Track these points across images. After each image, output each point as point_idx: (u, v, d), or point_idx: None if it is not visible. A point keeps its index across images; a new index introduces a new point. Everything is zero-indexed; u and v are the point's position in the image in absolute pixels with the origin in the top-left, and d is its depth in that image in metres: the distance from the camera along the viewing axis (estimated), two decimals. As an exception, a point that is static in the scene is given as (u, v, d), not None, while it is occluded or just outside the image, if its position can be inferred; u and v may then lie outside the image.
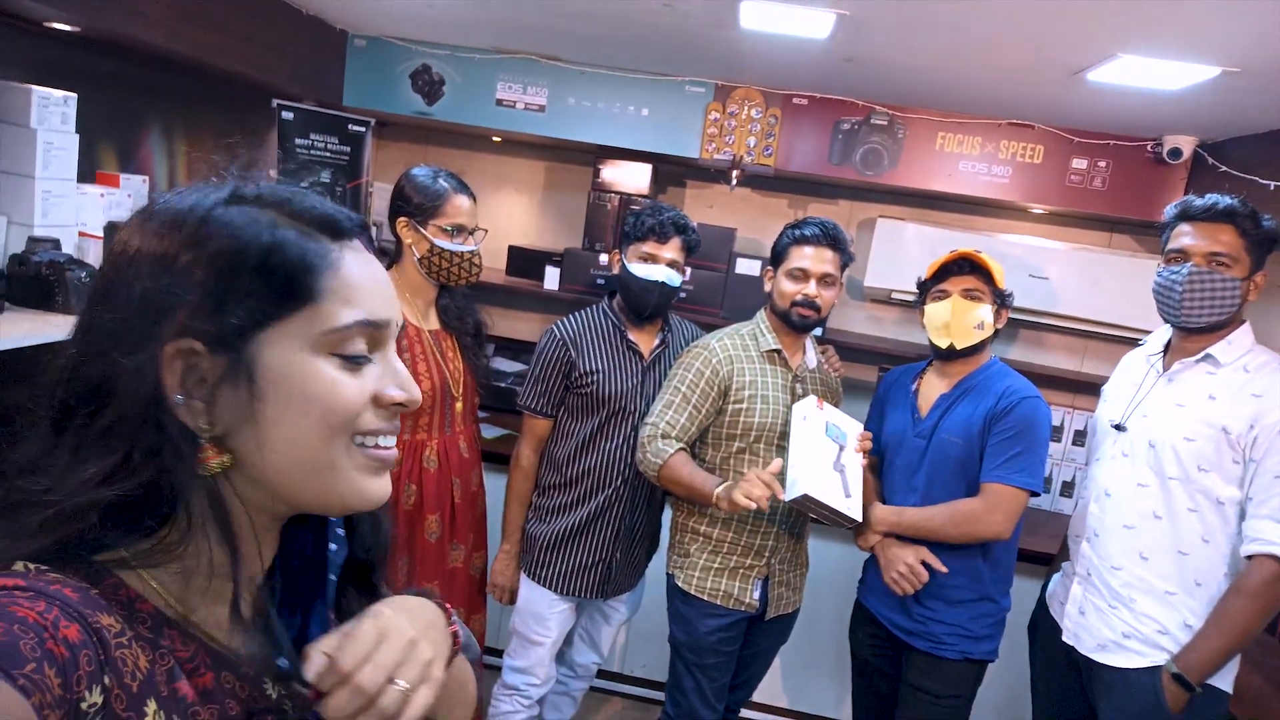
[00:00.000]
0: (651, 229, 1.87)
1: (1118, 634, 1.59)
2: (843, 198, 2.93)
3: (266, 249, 0.54)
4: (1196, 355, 1.58)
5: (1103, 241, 2.82)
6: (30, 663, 0.42)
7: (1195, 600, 1.53)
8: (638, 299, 1.89)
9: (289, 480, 0.55)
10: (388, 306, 0.59)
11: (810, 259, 1.78)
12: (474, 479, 1.92)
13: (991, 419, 1.70)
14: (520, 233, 3.11)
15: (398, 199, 1.78)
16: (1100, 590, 1.64)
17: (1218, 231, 1.54)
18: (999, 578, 1.77)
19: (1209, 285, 1.53)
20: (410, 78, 2.70)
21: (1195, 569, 1.53)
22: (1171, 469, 1.54)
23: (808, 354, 1.90)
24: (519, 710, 2.01)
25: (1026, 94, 2.18)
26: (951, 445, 1.74)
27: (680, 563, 1.87)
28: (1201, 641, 1.50)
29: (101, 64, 2.04)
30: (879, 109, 2.55)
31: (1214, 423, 1.51)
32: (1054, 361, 2.89)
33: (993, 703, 2.50)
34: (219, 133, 2.48)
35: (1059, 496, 2.78)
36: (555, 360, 1.90)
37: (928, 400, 1.82)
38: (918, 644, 1.77)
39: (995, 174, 2.55)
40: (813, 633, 2.44)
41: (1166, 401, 1.60)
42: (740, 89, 2.60)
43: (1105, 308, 2.62)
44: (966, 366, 1.78)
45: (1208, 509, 1.52)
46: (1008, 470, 1.67)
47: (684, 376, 1.80)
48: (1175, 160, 2.41)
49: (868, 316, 2.97)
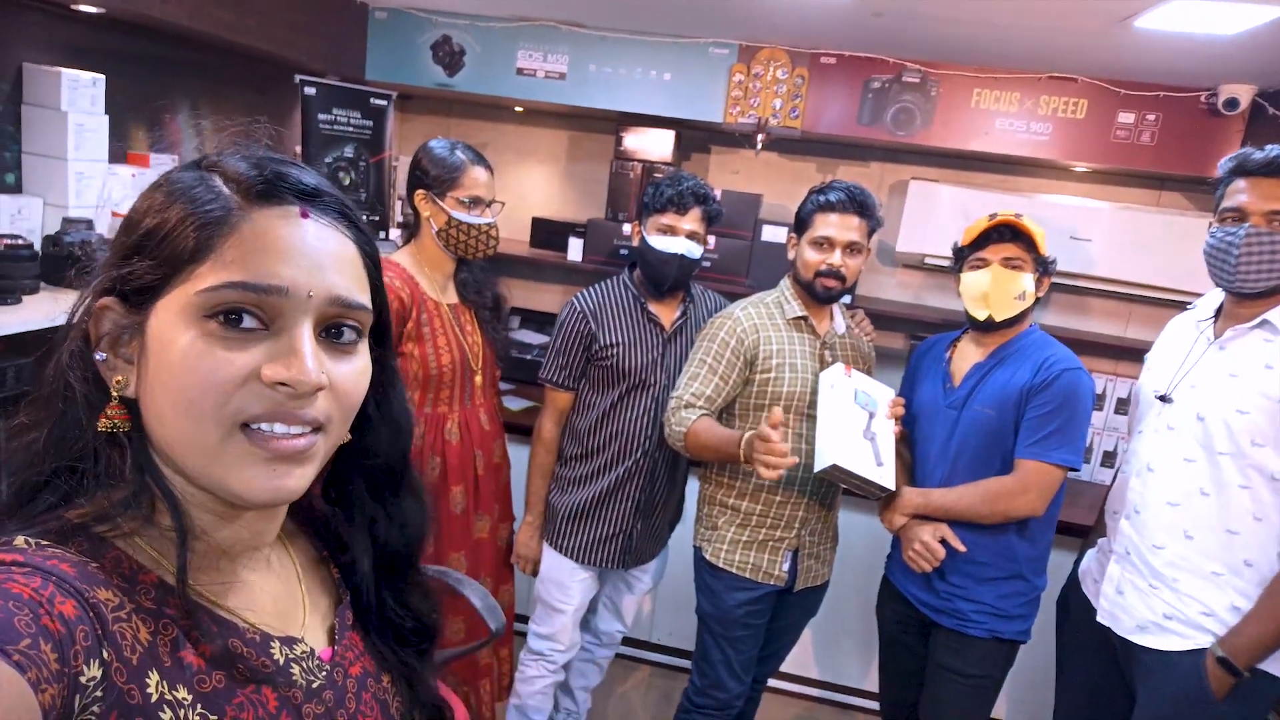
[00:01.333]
0: (670, 200, 1.83)
1: (1158, 615, 1.53)
2: (874, 159, 2.84)
3: (160, 209, 0.53)
4: (1252, 321, 1.47)
5: (1151, 200, 2.68)
6: (25, 639, 0.42)
7: (1244, 581, 1.46)
8: (656, 271, 1.86)
9: (181, 457, 0.53)
10: (295, 274, 0.52)
11: (835, 226, 1.71)
12: (496, 450, 1.93)
13: (1029, 391, 1.63)
14: (543, 204, 3.10)
15: (415, 171, 1.78)
16: (1140, 570, 1.57)
17: (1277, 187, 1.43)
18: (1034, 555, 1.71)
19: (1269, 247, 1.42)
20: (431, 49, 2.68)
21: (1245, 548, 1.45)
22: (1222, 443, 1.46)
23: (836, 320, 1.85)
24: (545, 675, 2.05)
25: (1069, 44, 2.06)
26: (984, 417, 1.67)
27: (708, 535, 1.85)
28: (1251, 625, 1.43)
29: (128, 45, 2.06)
30: (910, 66, 2.45)
31: (1271, 394, 1.41)
32: (1096, 327, 2.78)
33: (1017, 678, 2.46)
34: (244, 110, 2.51)
35: (1099, 467, 2.69)
36: (576, 333, 1.89)
37: (961, 370, 1.75)
38: (944, 621, 1.73)
39: (1035, 131, 2.43)
40: (841, 605, 2.43)
41: (1218, 371, 1.50)
42: (765, 49, 2.52)
43: (1152, 270, 2.50)
44: (1004, 335, 1.71)
45: (1261, 485, 1.43)
46: (1044, 447, 1.60)
47: (709, 347, 1.75)
48: (1231, 111, 2.27)
49: (899, 283, 2.89)
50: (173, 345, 0.51)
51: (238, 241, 0.52)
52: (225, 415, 0.51)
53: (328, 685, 0.61)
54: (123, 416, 0.54)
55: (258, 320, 0.52)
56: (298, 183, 0.55)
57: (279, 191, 0.55)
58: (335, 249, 0.56)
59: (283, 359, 0.52)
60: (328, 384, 0.54)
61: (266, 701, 0.55)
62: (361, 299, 0.57)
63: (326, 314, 0.55)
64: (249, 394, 0.52)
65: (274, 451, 0.53)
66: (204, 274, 0.51)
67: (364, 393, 0.59)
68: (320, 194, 0.57)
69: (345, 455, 0.63)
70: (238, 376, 0.51)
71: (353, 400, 0.57)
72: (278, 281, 0.52)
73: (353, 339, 0.57)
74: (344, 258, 0.57)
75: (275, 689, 0.56)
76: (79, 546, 0.50)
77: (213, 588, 0.57)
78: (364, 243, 0.59)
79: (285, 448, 0.53)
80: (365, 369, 0.59)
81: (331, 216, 0.57)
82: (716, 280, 2.63)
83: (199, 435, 0.52)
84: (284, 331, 0.53)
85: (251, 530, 0.59)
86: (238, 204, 0.53)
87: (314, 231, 0.55)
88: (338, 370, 0.55)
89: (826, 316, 1.83)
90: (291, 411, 0.53)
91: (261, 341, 0.52)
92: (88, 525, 0.52)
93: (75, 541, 0.50)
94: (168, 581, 0.53)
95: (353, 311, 0.56)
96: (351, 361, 0.57)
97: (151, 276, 0.52)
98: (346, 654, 0.65)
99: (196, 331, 0.51)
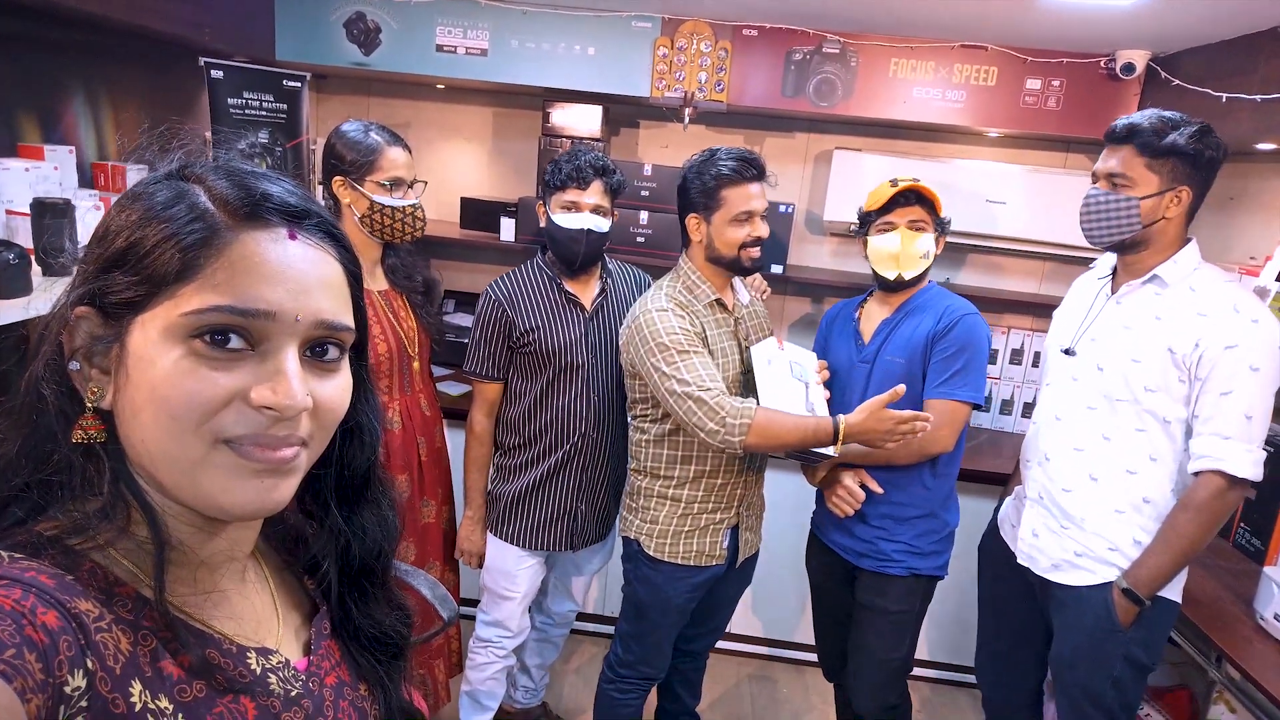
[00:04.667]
0: (569, 175, 1.80)
1: (1070, 553, 1.64)
2: (798, 130, 2.88)
3: (138, 226, 0.52)
4: (1143, 277, 1.58)
5: (1058, 162, 2.82)
6: (10, 649, 0.42)
7: (1144, 517, 1.57)
8: (566, 250, 1.83)
9: (159, 472, 0.53)
10: (282, 298, 0.52)
11: (756, 197, 1.71)
12: (437, 436, 1.92)
13: (933, 338, 1.73)
14: (472, 184, 3.04)
15: (330, 158, 1.72)
16: (1053, 512, 1.68)
17: (1114, 152, 1.56)
18: (945, 493, 1.82)
19: (1103, 206, 1.56)
20: (344, 27, 2.58)
21: (1143, 487, 1.57)
22: (1120, 391, 1.57)
23: (739, 291, 1.86)
24: (495, 661, 2.05)
25: (979, 13, 2.13)
26: (895, 365, 1.76)
27: (646, 529, 1.81)
28: (1150, 557, 1.54)
29: (9, 27, 1.92)
30: (830, 37, 2.49)
31: (1160, 343, 1.52)
32: (1013, 285, 2.91)
33: (940, 619, 2.60)
34: (146, 96, 2.36)
35: (1020, 418, 2.85)
36: (493, 322, 1.86)
37: (869, 329, 1.84)
38: (866, 564, 1.83)
39: (950, 99, 2.51)
40: (781, 564, 2.51)
41: (1114, 324, 1.61)
42: (689, 22, 2.52)
43: (1062, 229, 2.62)
44: (908, 292, 1.81)
45: (1155, 428, 1.55)
46: (950, 387, 1.70)
47: (664, 344, 1.63)
48: (1128, 75, 2.40)
49: (829, 250, 2.96)
50: (156, 363, 0.51)
51: (225, 263, 0.52)
52: (207, 431, 0.52)
53: (305, 694, 0.61)
54: (98, 428, 0.53)
55: (244, 341, 0.52)
56: (285, 203, 0.55)
57: (266, 213, 0.54)
58: (322, 271, 0.56)
59: (269, 382, 0.52)
60: (312, 404, 0.55)
61: (245, 711, 0.56)
62: (346, 320, 0.58)
63: (312, 335, 0.55)
64: (233, 413, 0.52)
65: (262, 463, 0.53)
66: (189, 295, 0.51)
67: (345, 408, 0.59)
68: (308, 214, 0.57)
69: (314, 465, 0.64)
70: (223, 396, 0.51)
71: (335, 416, 0.58)
72: (265, 306, 0.52)
73: (336, 356, 0.58)
74: (330, 280, 0.57)
75: (254, 698, 0.57)
76: (53, 560, 0.50)
77: (189, 599, 0.57)
78: (348, 262, 0.60)
79: (273, 459, 0.53)
80: (347, 385, 0.59)
81: (318, 237, 0.57)
82: (650, 256, 2.64)
83: (180, 452, 0.51)
84: (270, 354, 0.53)
85: (230, 540, 0.59)
86: (225, 224, 0.53)
87: (301, 253, 0.55)
88: (321, 389, 0.56)
89: (730, 290, 1.83)
90: (275, 435, 0.53)
91: (247, 362, 0.52)
92: (60, 538, 0.51)
93: (49, 555, 0.50)
94: (144, 594, 0.53)
95: (337, 333, 0.57)
96: (335, 379, 0.58)
97: (132, 293, 0.51)
98: (323, 663, 0.66)
99: (181, 351, 0.51)
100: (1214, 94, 2.07)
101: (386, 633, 0.71)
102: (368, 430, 0.67)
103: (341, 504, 0.68)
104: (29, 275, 1.52)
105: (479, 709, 2.10)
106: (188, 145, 0.59)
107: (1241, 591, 1.89)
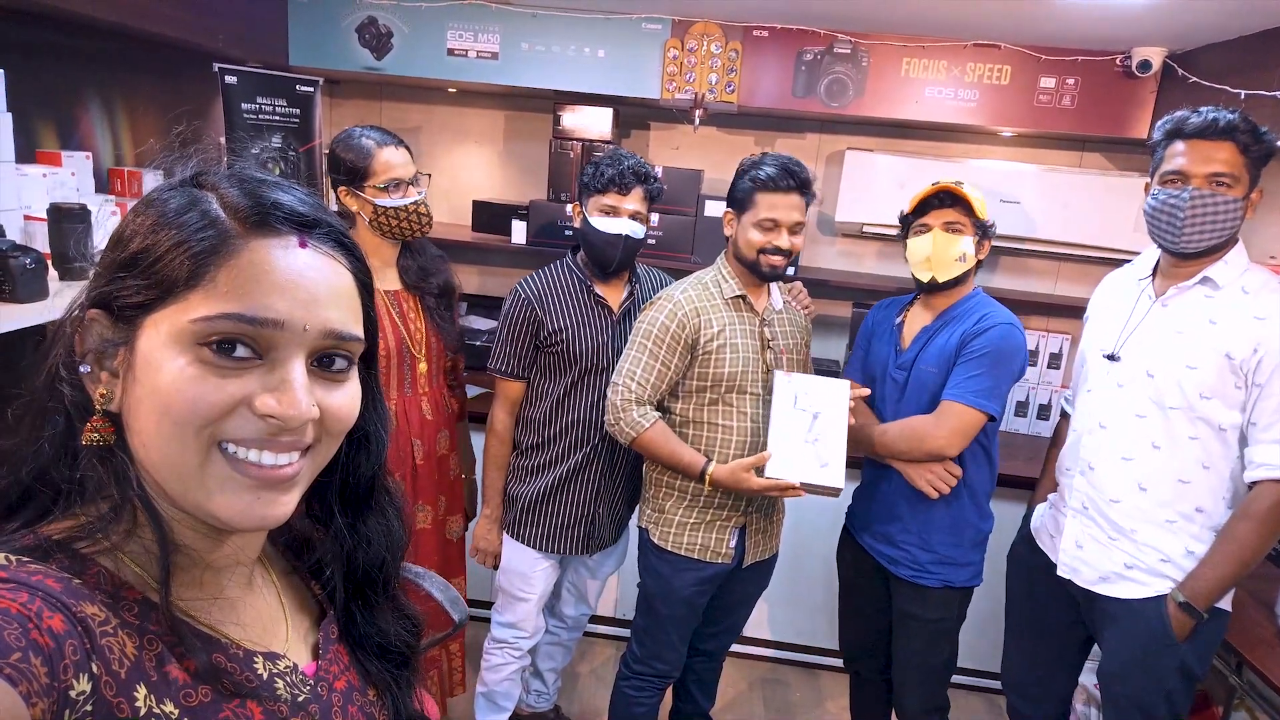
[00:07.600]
0: (612, 180, 1.80)
1: (1120, 565, 1.58)
2: (809, 131, 2.87)
3: (150, 232, 0.53)
4: (1193, 279, 1.52)
5: (1073, 161, 2.79)
6: (16, 652, 0.42)
7: (1197, 526, 1.51)
8: (601, 253, 1.83)
9: (162, 478, 0.53)
10: (291, 307, 0.52)
11: (781, 208, 1.69)
12: (441, 441, 1.90)
13: (963, 342, 1.70)
14: (484, 187, 3.05)
15: (333, 169, 1.73)
16: (1099, 523, 1.61)
17: (1216, 150, 1.44)
18: (976, 504, 1.79)
19: (1212, 208, 1.45)
20: (357, 32, 2.60)
21: (1196, 496, 1.51)
22: (1173, 398, 1.50)
23: (773, 295, 1.85)
24: (510, 662, 2.06)
25: (991, 11, 2.12)
26: (928, 374, 1.74)
27: (655, 518, 1.84)
28: (1207, 569, 1.48)
29: (28, 36, 1.94)
30: (841, 37, 2.48)
31: (1217, 348, 1.46)
32: (1028, 285, 2.89)
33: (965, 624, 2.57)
34: (161, 102, 2.39)
35: (1036, 420, 2.82)
36: (521, 321, 1.86)
37: (911, 333, 1.81)
38: (901, 573, 1.81)
39: (963, 98, 2.49)
40: (803, 568, 2.50)
41: (1164, 329, 1.54)
42: (698, 24, 2.52)
43: (1077, 229, 2.60)
44: (949, 298, 1.77)
45: (1209, 436, 1.48)
46: (964, 390, 1.67)
47: (649, 331, 1.72)
48: (1145, 73, 2.37)
49: (840, 252, 2.95)
50: (162, 368, 0.51)
51: (234, 271, 0.52)
52: (208, 436, 0.51)
53: (313, 699, 0.61)
54: (107, 430, 0.53)
55: (251, 350, 0.52)
56: (295, 212, 0.55)
57: (277, 221, 0.54)
58: (332, 281, 0.56)
59: (275, 391, 0.52)
60: (318, 415, 0.54)
61: (252, 716, 0.56)
62: (355, 331, 0.57)
63: (320, 346, 0.55)
64: (237, 419, 0.52)
65: (259, 479, 0.53)
66: (198, 302, 0.51)
67: (354, 418, 0.59)
68: (319, 223, 0.56)
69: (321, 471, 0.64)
70: (228, 403, 0.51)
71: (342, 426, 0.58)
72: (274, 315, 0.52)
73: (344, 367, 0.57)
74: (340, 290, 0.56)
75: (260, 703, 0.57)
76: (59, 563, 0.50)
77: (196, 603, 0.57)
78: (359, 271, 0.59)
79: (271, 476, 0.53)
80: (355, 395, 0.59)
81: (329, 246, 0.56)
82: (661, 257, 2.64)
83: (181, 458, 0.51)
84: (277, 364, 0.53)
85: (236, 545, 0.59)
86: (235, 232, 0.53)
87: (311, 262, 0.55)
88: (329, 399, 0.56)
89: (764, 293, 1.83)
90: (278, 441, 0.53)
91: (254, 370, 0.52)
92: (67, 542, 0.51)
93: (55, 559, 0.50)
94: (151, 598, 0.53)
95: (346, 343, 0.56)
96: (343, 389, 0.57)
97: (142, 296, 0.52)
98: (331, 668, 0.65)
99: (189, 357, 0.51)
100: (1233, 91, 2.04)
101: (393, 642, 0.70)
102: (375, 439, 0.67)
103: (346, 510, 0.67)
104: (46, 280, 1.54)
105: (495, 709, 2.11)
106: (205, 152, 0.59)
107: (1263, 596, 1.86)
